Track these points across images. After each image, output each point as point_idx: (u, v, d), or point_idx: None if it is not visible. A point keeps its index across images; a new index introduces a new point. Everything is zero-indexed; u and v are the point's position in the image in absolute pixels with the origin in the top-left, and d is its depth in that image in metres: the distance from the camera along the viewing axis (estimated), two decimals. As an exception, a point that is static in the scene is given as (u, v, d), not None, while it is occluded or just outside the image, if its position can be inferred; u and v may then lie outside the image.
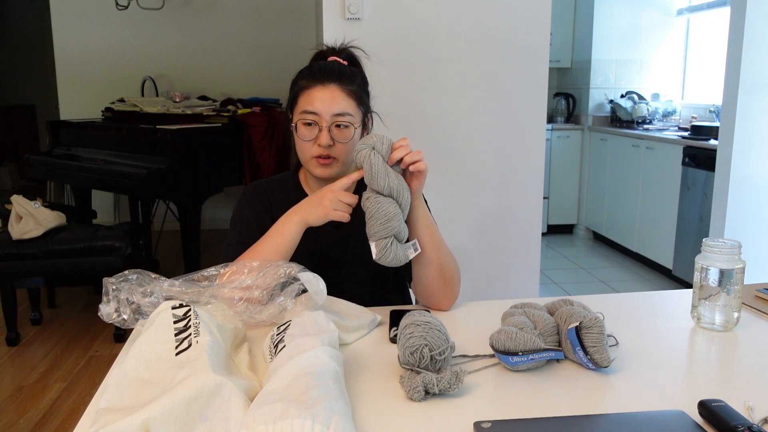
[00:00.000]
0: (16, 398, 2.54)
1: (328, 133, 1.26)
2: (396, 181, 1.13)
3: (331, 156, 1.28)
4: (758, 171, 2.86)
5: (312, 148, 1.28)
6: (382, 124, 1.48)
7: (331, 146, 1.27)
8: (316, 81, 1.28)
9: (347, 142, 1.29)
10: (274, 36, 5.23)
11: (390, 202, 1.12)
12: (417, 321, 0.94)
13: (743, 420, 0.77)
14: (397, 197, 1.13)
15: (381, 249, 1.11)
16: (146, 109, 3.99)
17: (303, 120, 1.28)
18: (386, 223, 1.11)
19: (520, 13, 2.62)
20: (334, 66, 1.31)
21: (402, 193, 1.13)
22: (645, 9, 5.00)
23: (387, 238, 1.12)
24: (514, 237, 2.78)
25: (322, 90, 1.27)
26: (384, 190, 1.12)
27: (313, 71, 1.30)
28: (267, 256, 1.20)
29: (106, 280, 1.02)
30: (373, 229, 1.12)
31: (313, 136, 1.28)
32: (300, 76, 1.32)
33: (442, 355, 0.91)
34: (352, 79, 1.31)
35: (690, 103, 4.90)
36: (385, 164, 1.13)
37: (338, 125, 1.28)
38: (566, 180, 5.27)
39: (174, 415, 0.74)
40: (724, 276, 1.10)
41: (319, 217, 1.20)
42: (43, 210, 3.02)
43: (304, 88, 1.29)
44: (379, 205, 1.12)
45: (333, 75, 1.28)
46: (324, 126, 1.27)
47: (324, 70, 1.30)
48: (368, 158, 1.13)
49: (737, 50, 2.79)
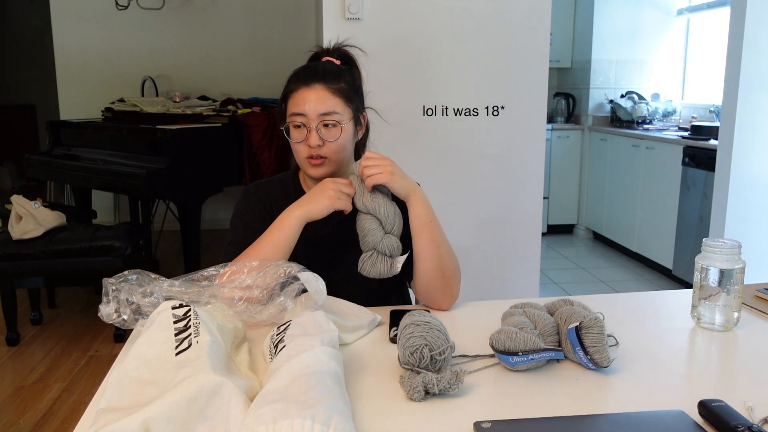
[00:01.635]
0: (16, 398, 2.54)
1: (316, 134, 1.28)
2: (369, 199, 1.21)
3: (322, 156, 1.29)
4: (758, 171, 2.86)
5: (304, 149, 1.30)
6: (381, 119, 1.49)
7: (321, 146, 1.28)
8: (301, 83, 1.30)
9: (336, 140, 1.30)
10: (274, 36, 5.23)
11: (368, 218, 1.21)
12: (417, 321, 0.94)
13: (743, 420, 0.77)
14: (375, 213, 1.20)
15: (361, 262, 1.20)
16: (146, 109, 4.00)
17: (292, 122, 1.30)
18: (363, 237, 1.20)
19: (520, 13, 2.62)
20: (318, 66, 1.33)
21: (378, 209, 1.20)
22: (645, 9, 4.99)
23: (367, 251, 1.20)
24: (514, 237, 2.78)
25: (307, 91, 1.28)
26: (362, 208, 1.22)
27: (299, 73, 1.32)
28: (267, 252, 1.21)
29: (105, 280, 1.02)
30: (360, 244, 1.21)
31: (303, 138, 1.29)
32: (289, 79, 1.34)
33: (442, 355, 0.91)
34: (339, 78, 1.32)
35: (690, 103, 4.90)
36: (361, 185, 1.22)
37: (326, 124, 1.29)
38: (566, 180, 5.27)
39: (174, 415, 0.74)
40: (724, 276, 1.10)
41: (324, 207, 1.22)
42: (43, 210, 3.02)
43: (292, 91, 1.31)
44: (359, 222, 1.22)
45: (317, 75, 1.30)
46: (312, 127, 1.28)
47: (309, 71, 1.31)
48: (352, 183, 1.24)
49: (737, 50, 2.79)
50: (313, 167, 1.31)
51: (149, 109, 3.97)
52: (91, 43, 5.08)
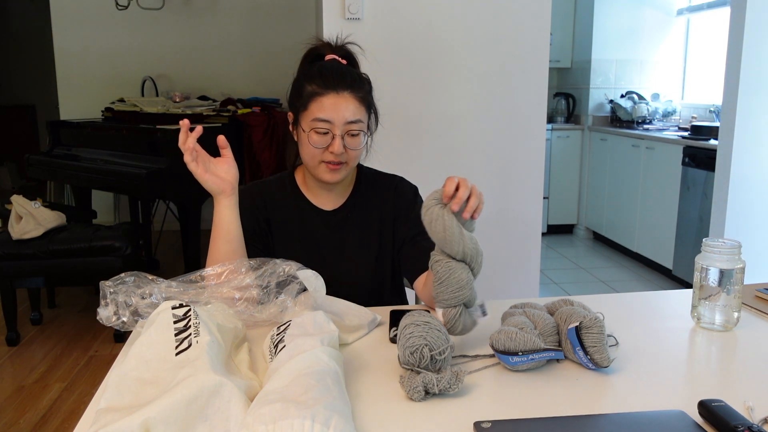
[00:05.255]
0: (16, 398, 2.54)
1: (341, 141, 1.25)
2: (470, 244, 1.00)
3: (341, 161, 1.28)
4: (758, 171, 2.86)
5: (323, 154, 1.27)
6: (380, 119, 1.48)
7: (343, 153, 1.27)
8: (329, 88, 1.25)
9: (358, 148, 1.29)
10: (274, 36, 5.22)
11: (463, 267, 1.01)
12: (417, 321, 0.94)
13: (743, 420, 0.77)
14: (471, 262, 1.01)
15: (450, 319, 1.00)
16: (146, 109, 3.99)
17: (316, 128, 1.26)
18: (457, 291, 1.00)
19: (520, 13, 2.62)
20: (345, 72, 1.29)
21: (476, 258, 1.02)
22: (645, 9, 5.00)
23: (456, 306, 1.01)
24: (514, 237, 2.79)
25: (336, 98, 1.25)
26: (458, 255, 1.00)
27: (325, 76, 1.27)
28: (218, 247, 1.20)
29: (102, 283, 1.02)
30: (443, 295, 1.01)
31: (326, 144, 1.26)
32: (308, 78, 1.28)
33: (442, 354, 0.91)
34: (362, 85, 1.30)
35: (690, 103, 4.90)
36: (459, 226, 1.00)
37: (352, 134, 1.27)
38: (566, 180, 5.27)
39: (174, 415, 0.74)
40: (724, 276, 1.10)
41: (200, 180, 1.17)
42: (43, 210, 3.02)
43: (317, 95, 1.26)
44: (450, 272, 1.00)
45: (346, 82, 1.26)
46: (337, 134, 1.25)
47: (337, 77, 1.27)
48: (441, 219, 0.99)
49: (737, 50, 2.79)
50: (330, 172, 1.29)
51: (149, 109, 3.97)
52: (91, 43, 5.08)
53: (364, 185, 1.42)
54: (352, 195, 1.41)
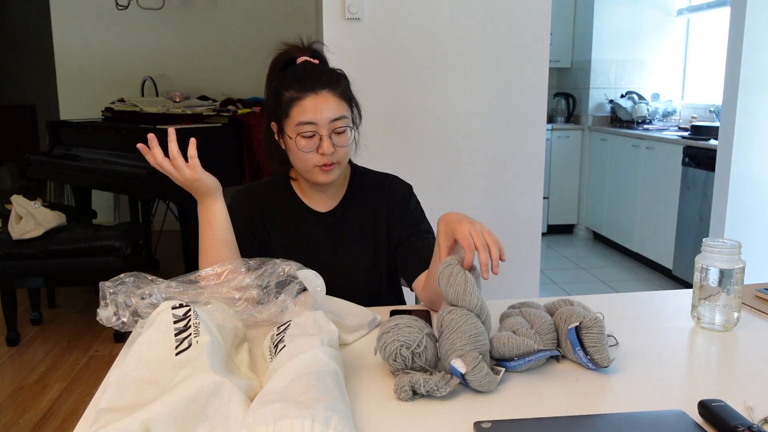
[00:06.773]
0: (16, 398, 2.54)
1: (329, 141, 1.24)
2: (479, 296, 0.99)
3: (333, 161, 1.27)
4: (758, 171, 2.86)
5: (314, 157, 1.26)
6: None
7: (333, 152, 1.26)
8: (307, 90, 1.24)
9: (347, 145, 1.28)
10: (274, 36, 5.18)
11: (478, 319, 0.98)
12: (386, 329, 0.93)
13: (743, 420, 0.77)
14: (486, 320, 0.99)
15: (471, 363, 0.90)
16: (146, 109, 3.99)
17: (301, 132, 1.25)
18: (476, 337, 0.94)
19: (520, 13, 2.62)
20: (321, 71, 1.28)
21: (489, 315, 1.00)
22: (645, 9, 5.00)
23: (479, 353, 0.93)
24: (514, 237, 2.78)
25: (315, 98, 1.24)
26: (475, 309, 0.98)
27: (301, 80, 1.26)
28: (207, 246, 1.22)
29: (102, 284, 1.02)
30: (460, 342, 0.94)
31: (314, 147, 1.25)
32: (284, 85, 1.28)
33: (420, 347, 0.91)
34: (339, 81, 1.29)
35: (690, 103, 4.90)
36: (475, 284, 1.00)
37: (337, 131, 1.26)
38: (566, 180, 5.27)
39: (174, 415, 0.74)
40: (724, 276, 1.10)
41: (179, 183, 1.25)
42: (43, 210, 3.02)
43: (296, 99, 1.25)
44: (467, 319, 0.96)
45: (323, 81, 1.25)
46: (324, 134, 1.24)
47: (313, 78, 1.26)
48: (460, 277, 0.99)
49: (737, 50, 2.79)
50: (324, 174, 1.28)
51: (149, 109, 3.97)
52: (91, 43, 5.08)
53: (358, 185, 1.41)
54: (346, 196, 1.40)
